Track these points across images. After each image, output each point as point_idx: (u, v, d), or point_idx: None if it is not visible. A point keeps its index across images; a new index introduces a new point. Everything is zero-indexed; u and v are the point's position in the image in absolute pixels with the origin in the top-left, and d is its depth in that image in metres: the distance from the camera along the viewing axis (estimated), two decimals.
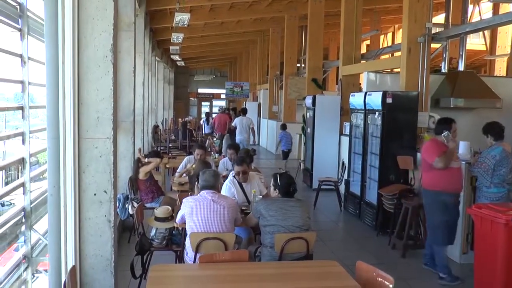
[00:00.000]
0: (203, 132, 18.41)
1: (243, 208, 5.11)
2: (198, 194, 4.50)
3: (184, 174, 7.13)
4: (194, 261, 4.04)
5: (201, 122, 21.55)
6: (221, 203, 4.29)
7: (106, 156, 3.72)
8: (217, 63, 34.70)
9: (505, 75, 13.47)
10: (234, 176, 5.52)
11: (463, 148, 6.27)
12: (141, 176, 6.62)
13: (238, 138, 13.59)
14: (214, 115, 21.02)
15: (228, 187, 5.36)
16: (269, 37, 19.60)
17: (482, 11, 16.03)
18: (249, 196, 5.38)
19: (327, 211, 8.76)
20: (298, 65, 17.47)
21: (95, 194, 3.71)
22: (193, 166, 6.69)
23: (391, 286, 3.14)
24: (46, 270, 3.76)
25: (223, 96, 30.44)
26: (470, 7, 16.03)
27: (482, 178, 5.42)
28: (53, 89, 3.51)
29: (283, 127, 13.61)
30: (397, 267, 5.87)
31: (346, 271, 3.43)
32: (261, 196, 5.21)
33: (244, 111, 14.66)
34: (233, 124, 14.34)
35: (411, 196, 6.69)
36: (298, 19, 16.02)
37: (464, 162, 5.98)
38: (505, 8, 13.56)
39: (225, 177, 5.89)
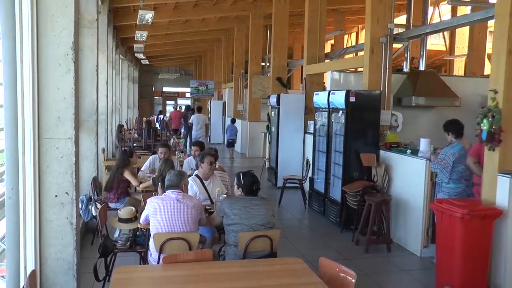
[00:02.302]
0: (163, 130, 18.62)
1: (207, 207, 5.10)
2: (163, 194, 4.47)
3: (148, 175, 7.05)
4: (158, 262, 4.01)
5: (154, 119, 22.17)
6: (186, 202, 4.27)
7: (68, 157, 3.65)
8: (182, 62, 34.44)
9: (463, 74, 13.84)
10: (196, 175, 5.53)
11: (423, 145, 6.44)
12: (126, 175, 6.51)
13: (194, 133, 15.33)
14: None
15: (190, 186, 5.35)
16: (234, 35, 19.57)
17: (441, 13, 16.48)
18: (211, 195, 5.40)
19: (292, 209, 8.84)
20: (263, 64, 17.53)
21: (56, 196, 3.64)
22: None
23: (353, 280, 3.20)
24: (3, 276, 3.66)
25: (188, 95, 30.25)
26: (431, 9, 16.45)
27: (441, 174, 5.59)
28: (11, 88, 3.41)
29: (232, 121, 16.45)
30: (361, 262, 5.99)
31: (310, 267, 3.47)
32: (225, 195, 5.22)
33: (199, 109, 16.42)
34: (190, 121, 15.83)
35: (374, 193, 6.84)
36: (263, 18, 16.06)
37: (424, 159, 6.16)
38: (463, 10, 13.95)
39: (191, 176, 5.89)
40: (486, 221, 4.77)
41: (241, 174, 4.38)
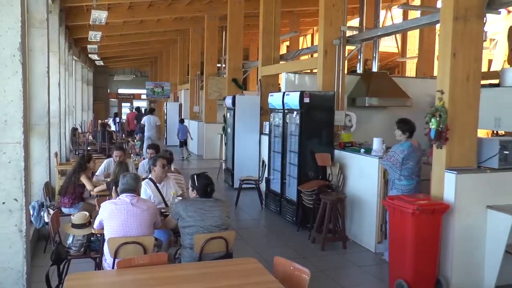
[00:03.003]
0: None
1: (162, 210, 5.07)
2: (117, 198, 4.41)
3: (103, 179, 6.94)
4: (113, 267, 3.96)
5: (110, 121, 21.97)
6: (141, 206, 4.23)
7: (16, 162, 3.56)
8: (138, 63, 33.93)
9: (415, 76, 14.25)
10: (149, 178, 5.49)
11: (376, 144, 6.62)
12: (83, 179, 6.37)
13: (146, 134, 15.60)
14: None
15: (144, 189, 5.29)
16: (190, 36, 19.46)
17: (393, 17, 16.94)
18: (166, 198, 5.37)
19: (248, 210, 8.89)
20: (219, 65, 17.51)
21: (3, 203, 3.54)
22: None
23: (307, 278, 3.27)
24: None
25: (144, 97, 29.83)
26: (383, 12, 16.89)
27: (391, 171, 5.76)
28: None
29: (181, 121, 17.14)
30: (317, 259, 6.11)
31: (267, 267, 3.52)
32: (180, 198, 5.20)
33: (151, 111, 17.02)
34: (142, 122, 16.21)
35: (329, 191, 6.97)
36: (218, 19, 16.04)
37: (377, 158, 6.33)
38: (413, 14, 14.37)
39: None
40: (435, 215, 4.95)
41: (195, 176, 4.38)
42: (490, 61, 20.17)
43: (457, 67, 5.08)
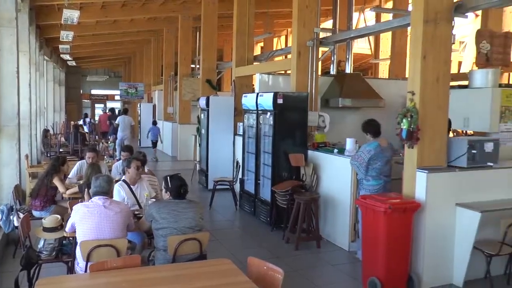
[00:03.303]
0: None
1: (136, 212, 5.04)
2: (90, 201, 4.36)
3: (75, 181, 6.84)
4: (86, 271, 3.91)
5: (81, 122, 21.76)
6: (114, 208, 4.19)
7: None
8: (111, 63, 33.50)
9: (387, 77, 14.44)
10: (123, 180, 5.44)
11: (349, 144, 6.71)
12: (55, 181, 6.25)
13: (120, 134, 15.57)
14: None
15: (118, 191, 5.25)
16: (163, 37, 19.33)
17: (366, 19, 17.14)
18: (139, 200, 5.33)
19: (223, 211, 8.88)
20: (193, 65, 17.44)
21: None
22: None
23: (281, 277, 3.29)
24: None
25: (117, 98, 29.48)
26: (356, 14, 17.07)
27: (358, 170, 5.86)
28: None
29: (154, 122, 17.39)
30: (291, 259, 6.15)
31: (241, 267, 3.53)
32: (153, 200, 5.17)
33: (125, 111, 17.12)
34: (116, 122, 16.23)
35: (303, 192, 7.02)
36: (192, 20, 15.98)
37: (350, 157, 6.39)
38: (386, 16, 14.57)
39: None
40: (407, 214, 5.05)
41: (168, 177, 4.37)
42: (459, 63, 20.60)
43: (427, 69, 5.19)
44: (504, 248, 4.96)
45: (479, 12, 12.63)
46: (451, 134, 6.27)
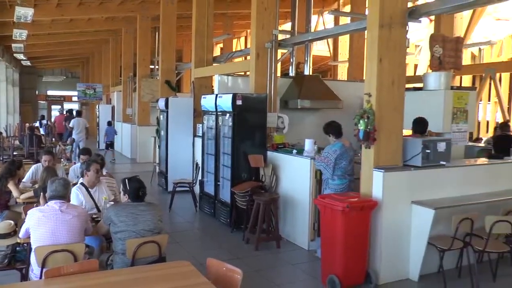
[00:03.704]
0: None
1: (94, 216, 4.95)
2: (45, 205, 4.25)
3: (30, 185, 6.65)
4: (41, 277, 3.81)
5: (37, 124, 21.02)
6: (71, 212, 4.10)
7: None
8: (68, 63, 32.66)
9: (346, 79, 14.68)
10: (81, 183, 5.34)
11: (308, 145, 6.79)
12: (10, 185, 6.05)
13: (75, 137, 15.42)
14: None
15: (76, 195, 5.14)
16: (122, 37, 19.04)
17: (325, 22, 17.41)
18: (98, 203, 5.24)
19: (182, 213, 8.82)
20: (152, 66, 17.27)
21: None
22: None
23: (239, 277, 3.32)
24: None
25: (75, 99, 28.80)
26: (315, 17, 17.30)
27: (325, 171, 5.94)
28: None
29: (109, 123, 17.64)
30: (251, 259, 6.18)
31: (201, 269, 3.53)
32: (112, 203, 5.09)
33: (78, 113, 17.37)
34: (70, 125, 15.91)
35: (263, 192, 7.07)
36: (151, 20, 15.83)
37: (309, 158, 6.50)
38: (344, 20, 14.81)
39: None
40: (364, 212, 5.17)
41: (126, 180, 4.32)
42: (415, 66, 21.21)
43: (383, 71, 5.33)
44: (455, 243, 5.15)
45: (434, 17, 13.03)
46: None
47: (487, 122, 17.08)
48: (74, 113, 18.31)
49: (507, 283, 5.41)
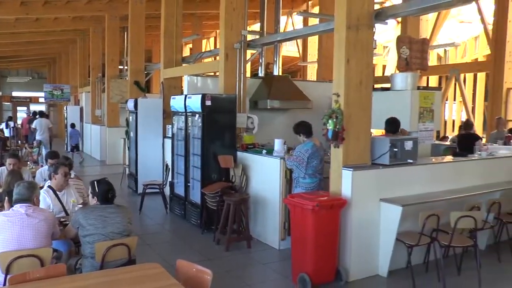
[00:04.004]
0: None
1: (62, 219, 4.86)
2: (10, 209, 4.15)
3: None
4: (5, 284, 3.71)
5: (2, 126, 20.74)
6: (37, 216, 4.00)
7: None
8: (34, 64, 31.94)
9: (315, 79, 14.81)
10: (49, 186, 5.24)
11: (278, 145, 6.83)
12: None
13: (38, 138, 15.17)
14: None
15: (43, 198, 5.04)
16: (90, 37, 18.74)
17: (294, 23, 17.54)
18: (66, 206, 5.15)
19: (153, 215, 8.75)
20: (121, 67, 17.06)
21: None
22: None
23: (209, 278, 3.32)
24: None
25: (42, 100, 28.18)
26: (284, 18, 17.40)
27: (298, 170, 5.98)
28: None
29: (72, 125, 17.82)
30: (222, 260, 6.18)
31: (171, 271, 3.50)
32: (80, 206, 5.02)
33: (41, 114, 17.03)
34: (33, 126, 15.77)
35: (233, 193, 7.06)
36: (119, 20, 15.62)
37: (279, 158, 6.53)
38: (313, 21, 14.96)
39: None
40: (334, 210, 5.23)
41: (95, 182, 4.26)
42: (384, 67, 21.58)
43: (350, 72, 5.41)
44: (422, 239, 5.28)
45: (400, 19, 13.28)
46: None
47: (453, 121, 17.50)
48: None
49: (470, 276, 5.56)
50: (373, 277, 5.59)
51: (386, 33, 18.17)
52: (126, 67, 16.62)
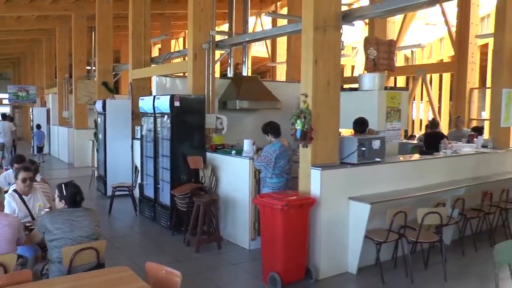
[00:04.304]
0: None
1: (28, 224, 4.75)
2: None
3: None
4: None
5: None
6: (1, 222, 3.91)
7: None
8: None
9: (285, 80, 14.90)
10: (14, 190, 5.11)
11: (247, 145, 6.84)
12: None
13: (1, 141, 15.15)
14: None
15: (8, 202, 4.91)
16: (56, 36, 18.36)
17: (263, 23, 17.60)
18: (32, 211, 5.04)
19: (122, 217, 8.65)
20: (89, 67, 16.79)
21: None
22: None
23: (178, 280, 3.31)
24: None
25: (6, 102, 27.44)
26: (253, 19, 17.44)
27: (265, 170, 6.01)
28: None
29: (38, 126, 17.95)
30: (192, 262, 6.16)
31: (141, 274, 3.47)
32: (47, 210, 4.91)
33: (4, 116, 17.12)
34: None
35: (203, 194, 7.05)
36: (86, 19, 15.36)
37: (248, 158, 6.54)
38: (282, 22, 15.04)
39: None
40: (303, 209, 5.27)
41: (62, 185, 4.18)
42: (353, 67, 21.86)
43: (318, 72, 5.46)
44: (390, 235, 5.38)
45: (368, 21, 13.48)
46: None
47: (421, 120, 17.85)
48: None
49: (436, 270, 5.70)
50: (343, 274, 5.66)
51: (355, 34, 18.43)
52: (94, 68, 16.38)
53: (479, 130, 9.15)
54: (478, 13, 12.88)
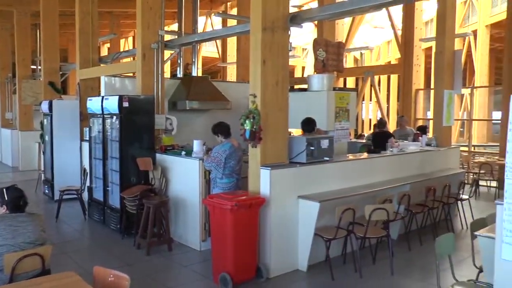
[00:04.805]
0: None
1: None
2: None
3: None
4: None
5: None
6: None
7: None
8: None
9: (235, 80, 14.91)
10: None
11: (196, 146, 6.81)
12: None
13: None
14: None
15: None
16: None
17: (214, 24, 17.56)
18: None
19: (70, 221, 8.41)
20: (34, 66, 16.22)
21: None
22: None
23: (127, 283, 3.26)
24: None
25: None
26: (202, 19, 17.37)
27: (215, 171, 6.01)
28: None
29: None
30: (142, 265, 6.08)
31: (89, 279, 3.40)
32: None
33: None
34: None
35: (153, 195, 6.97)
36: (30, 16, 14.82)
37: (198, 159, 6.52)
38: (232, 22, 15.06)
39: None
40: (252, 209, 5.30)
41: (4, 189, 4.02)
42: (303, 68, 22.15)
43: (267, 73, 5.52)
44: (339, 232, 5.52)
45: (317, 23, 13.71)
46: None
47: (370, 120, 18.33)
48: None
49: (384, 264, 5.89)
50: (293, 272, 5.75)
51: (305, 36, 18.68)
52: (39, 67, 15.83)
53: (423, 129, 9.51)
54: (422, 18, 13.41)
